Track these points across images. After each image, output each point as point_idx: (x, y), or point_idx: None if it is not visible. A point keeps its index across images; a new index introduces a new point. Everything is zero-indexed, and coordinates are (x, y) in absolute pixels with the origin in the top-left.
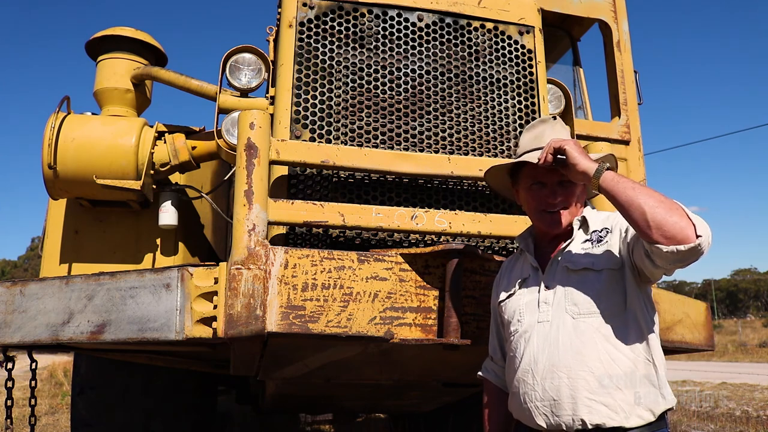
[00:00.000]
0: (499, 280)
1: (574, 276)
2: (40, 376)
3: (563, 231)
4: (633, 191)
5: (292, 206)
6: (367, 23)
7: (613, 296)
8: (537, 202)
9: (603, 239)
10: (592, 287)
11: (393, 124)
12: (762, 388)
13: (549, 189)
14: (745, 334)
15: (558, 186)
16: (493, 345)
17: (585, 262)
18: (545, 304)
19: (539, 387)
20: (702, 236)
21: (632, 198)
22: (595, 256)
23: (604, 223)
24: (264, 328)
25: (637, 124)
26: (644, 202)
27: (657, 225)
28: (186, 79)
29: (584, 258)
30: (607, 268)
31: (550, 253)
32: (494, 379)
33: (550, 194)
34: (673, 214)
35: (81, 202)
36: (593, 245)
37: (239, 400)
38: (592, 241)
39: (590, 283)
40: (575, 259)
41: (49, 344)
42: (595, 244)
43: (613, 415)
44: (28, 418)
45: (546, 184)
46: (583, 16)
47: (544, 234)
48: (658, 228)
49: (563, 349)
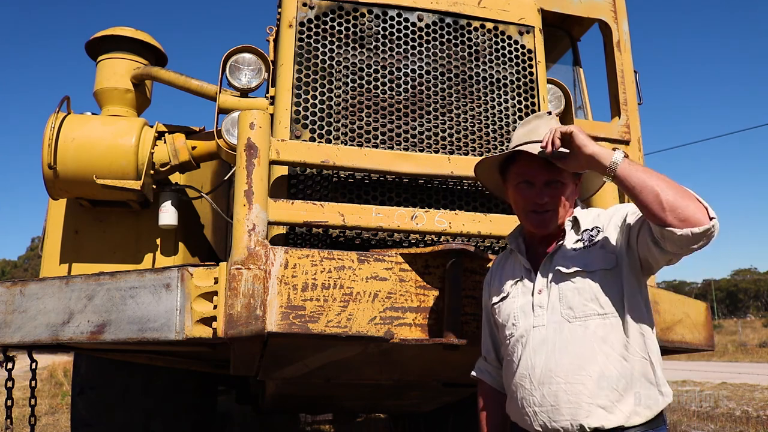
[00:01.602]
0: (490, 279)
1: (567, 279)
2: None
3: (552, 232)
4: (645, 173)
5: (292, 206)
6: (367, 23)
7: (608, 296)
8: (524, 202)
9: (594, 239)
10: (586, 290)
11: (393, 124)
12: (762, 388)
13: (537, 189)
14: (745, 334)
15: (545, 186)
16: (487, 346)
17: (578, 264)
18: (540, 308)
19: (537, 392)
20: (714, 218)
21: (645, 180)
22: (588, 257)
23: (594, 221)
24: (264, 328)
25: (637, 124)
26: (657, 184)
27: (671, 207)
28: (186, 79)
29: (577, 260)
30: (601, 268)
31: (541, 254)
32: (489, 380)
33: (538, 194)
34: (686, 197)
35: (81, 202)
36: (585, 246)
37: (239, 400)
38: (583, 241)
39: (584, 285)
40: (568, 261)
41: (49, 344)
42: (587, 244)
43: (612, 417)
44: (28, 418)
45: (534, 183)
46: (583, 16)
47: (533, 234)
48: (672, 210)
49: (560, 354)
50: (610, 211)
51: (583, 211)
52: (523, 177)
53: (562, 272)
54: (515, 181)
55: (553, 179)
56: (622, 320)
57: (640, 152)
